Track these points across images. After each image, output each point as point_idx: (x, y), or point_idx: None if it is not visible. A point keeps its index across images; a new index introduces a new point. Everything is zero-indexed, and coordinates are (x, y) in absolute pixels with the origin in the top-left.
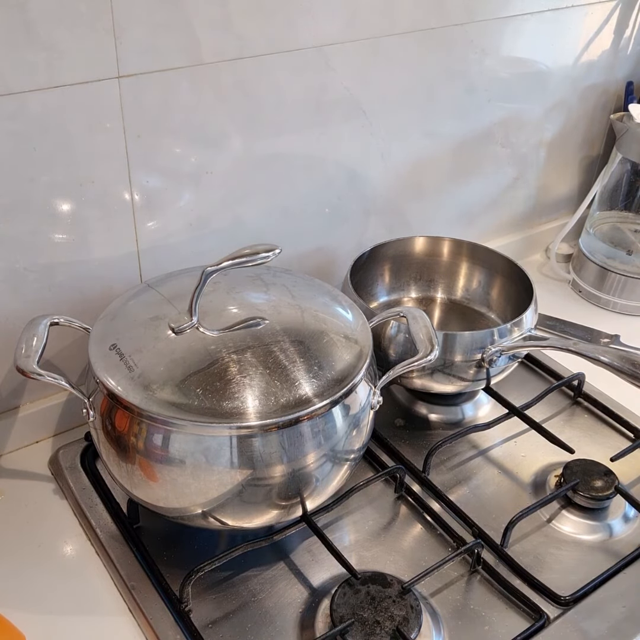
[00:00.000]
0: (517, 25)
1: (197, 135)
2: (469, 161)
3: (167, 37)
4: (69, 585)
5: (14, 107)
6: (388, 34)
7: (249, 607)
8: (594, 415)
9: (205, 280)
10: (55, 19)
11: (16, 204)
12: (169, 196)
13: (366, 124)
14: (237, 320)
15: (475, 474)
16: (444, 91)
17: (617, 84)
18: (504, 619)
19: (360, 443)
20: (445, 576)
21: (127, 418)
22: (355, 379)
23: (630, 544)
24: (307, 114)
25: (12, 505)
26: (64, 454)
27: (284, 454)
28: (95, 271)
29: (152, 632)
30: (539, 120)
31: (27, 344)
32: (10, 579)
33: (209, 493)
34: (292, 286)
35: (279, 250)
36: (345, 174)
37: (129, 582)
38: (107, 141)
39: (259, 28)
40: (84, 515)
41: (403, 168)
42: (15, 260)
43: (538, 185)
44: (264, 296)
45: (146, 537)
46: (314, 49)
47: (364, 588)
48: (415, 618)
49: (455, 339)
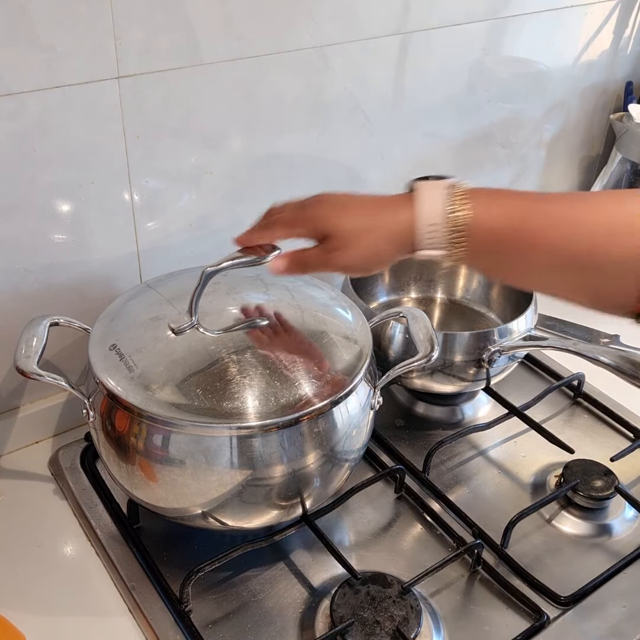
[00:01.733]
0: (517, 25)
1: (197, 136)
2: (468, 161)
3: (167, 37)
4: (69, 585)
5: (14, 107)
6: (388, 34)
7: (249, 608)
8: (593, 415)
9: (205, 281)
10: (55, 19)
11: (16, 205)
12: (168, 196)
13: (366, 124)
14: (237, 320)
15: (475, 474)
16: (444, 91)
17: (617, 84)
18: (504, 619)
19: (360, 443)
20: (445, 576)
21: (127, 418)
22: (355, 379)
23: (630, 544)
24: (306, 114)
25: (12, 505)
26: (64, 455)
27: (284, 454)
28: (95, 271)
29: (152, 632)
30: (539, 120)
31: (27, 344)
32: (10, 579)
33: (209, 493)
34: (291, 286)
35: (279, 251)
36: (345, 174)
37: (129, 582)
38: (107, 141)
39: (258, 28)
40: (84, 516)
41: (403, 168)
42: (15, 260)
43: (538, 185)
44: (264, 297)
45: (146, 538)
46: (313, 49)
47: (364, 588)
48: (415, 618)
49: (455, 339)
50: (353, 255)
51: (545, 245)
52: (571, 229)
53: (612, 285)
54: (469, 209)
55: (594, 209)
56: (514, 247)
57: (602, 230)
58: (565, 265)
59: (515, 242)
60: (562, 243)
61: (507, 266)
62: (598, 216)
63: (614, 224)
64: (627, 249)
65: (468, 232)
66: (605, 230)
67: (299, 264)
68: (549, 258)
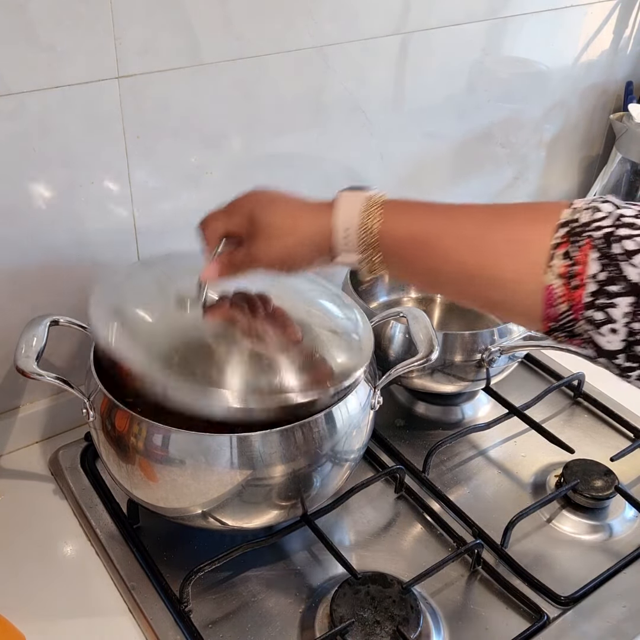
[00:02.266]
0: (516, 25)
1: (197, 136)
2: (468, 162)
3: (167, 38)
4: (69, 585)
5: (14, 107)
6: (388, 34)
7: (249, 607)
8: (593, 415)
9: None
10: (55, 19)
11: (16, 205)
12: (168, 196)
13: (366, 123)
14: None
15: (475, 474)
16: (443, 91)
17: (617, 84)
18: (504, 619)
19: (360, 443)
20: (446, 576)
21: (127, 418)
22: (355, 379)
23: (630, 544)
24: (307, 114)
25: (12, 505)
26: (64, 455)
27: (284, 454)
28: (95, 271)
29: (152, 632)
30: (539, 120)
31: (26, 344)
32: (10, 579)
33: (208, 493)
34: (295, 284)
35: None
36: (345, 174)
37: (129, 582)
38: (107, 141)
39: (258, 28)
40: (84, 516)
41: (403, 168)
42: (16, 260)
43: (538, 185)
44: (270, 290)
45: (146, 538)
46: (313, 49)
47: (364, 588)
48: (415, 618)
49: (455, 339)
50: (275, 250)
51: (448, 258)
52: (477, 245)
53: (518, 303)
54: (380, 217)
55: (507, 227)
56: (418, 257)
57: (504, 251)
58: (471, 278)
59: (419, 252)
60: (470, 259)
61: (416, 274)
62: (505, 236)
63: (514, 246)
64: (525, 273)
65: (379, 239)
66: (505, 250)
67: (228, 265)
68: (455, 272)
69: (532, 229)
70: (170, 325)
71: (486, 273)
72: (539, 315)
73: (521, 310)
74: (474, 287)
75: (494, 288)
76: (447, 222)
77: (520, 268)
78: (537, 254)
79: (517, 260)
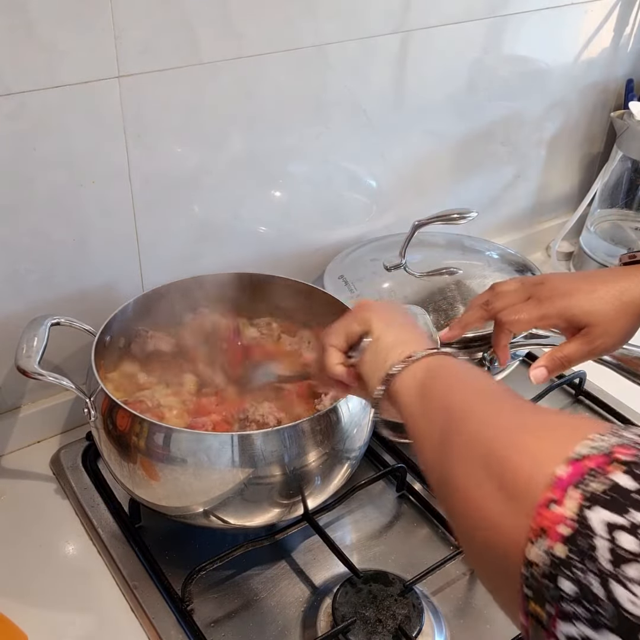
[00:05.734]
0: (517, 24)
1: (197, 135)
2: (469, 160)
3: (167, 37)
4: (71, 585)
5: (14, 107)
6: (388, 32)
7: (251, 606)
8: (595, 413)
9: (414, 231)
10: (55, 19)
11: (16, 205)
12: (169, 196)
13: (366, 123)
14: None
15: None
16: (444, 90)
17: (618, 82)
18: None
19: (361, 441)
20: (447, 575)
21: (129, 417)
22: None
23: None
24: (307, 113)
25: (14, 505)
26: (66, 454)
27: (285, 452)
28: (95, 271)
29: (154, 632)
30: (539, 118)
31: (28, 344)
32: (12, 579)
33: (210, 492)
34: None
35: (475, 214)
36: (346, 173)
37: (131, 581)
38: (107, 141)
39: (258, 27)
40: (85, 515)
41: (403, 167)
42: (16, 260)
43: (538, 183)
44: (460, 258)
45: (148, 537)
46: (314, 47)
47: (366, 587)
48: (417, 616)
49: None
50: (617, 337)
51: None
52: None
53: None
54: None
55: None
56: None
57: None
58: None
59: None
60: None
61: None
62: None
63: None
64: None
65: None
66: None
67: (561, 365)
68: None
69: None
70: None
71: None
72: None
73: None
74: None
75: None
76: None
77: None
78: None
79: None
